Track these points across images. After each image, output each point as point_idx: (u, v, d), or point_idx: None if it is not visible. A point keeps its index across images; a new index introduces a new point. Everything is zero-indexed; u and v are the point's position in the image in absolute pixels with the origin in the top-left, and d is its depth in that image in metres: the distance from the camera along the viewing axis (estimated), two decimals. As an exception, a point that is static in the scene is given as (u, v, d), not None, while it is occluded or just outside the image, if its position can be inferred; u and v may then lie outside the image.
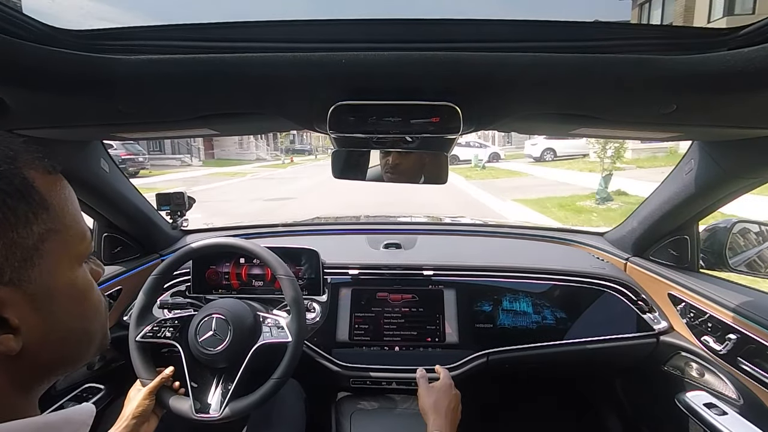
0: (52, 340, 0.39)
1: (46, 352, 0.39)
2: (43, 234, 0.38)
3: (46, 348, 0.39)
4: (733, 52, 0.58)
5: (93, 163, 1.15)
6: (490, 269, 1.42)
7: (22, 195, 0.36)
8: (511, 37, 0.64)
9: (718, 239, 1.25)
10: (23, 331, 0.37)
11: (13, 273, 0.36)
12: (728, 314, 1.07)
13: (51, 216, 0.39)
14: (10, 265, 0.35)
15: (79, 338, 0.43)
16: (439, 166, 0.91)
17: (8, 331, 0.36)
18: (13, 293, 0.36)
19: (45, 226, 0.38)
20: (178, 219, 1.64)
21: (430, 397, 1.02)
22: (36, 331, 0.38)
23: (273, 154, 37.77)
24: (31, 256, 0.37)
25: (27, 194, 0.37)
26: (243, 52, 0.63)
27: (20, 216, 0.36)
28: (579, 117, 0.78)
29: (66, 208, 0.41)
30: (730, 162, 1.00)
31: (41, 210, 0.38)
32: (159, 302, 1.20)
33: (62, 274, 0.40)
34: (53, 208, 0.39)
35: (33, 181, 0.38)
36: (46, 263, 0.38)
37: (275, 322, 1.07)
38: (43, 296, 0.38)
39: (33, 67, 0.60)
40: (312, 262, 1.38)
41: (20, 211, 0.36)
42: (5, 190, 0.35)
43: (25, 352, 0.37)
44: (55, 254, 0.39)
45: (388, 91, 0.68)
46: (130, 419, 0.94)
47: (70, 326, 0.42)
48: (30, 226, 0.37)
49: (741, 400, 1.06)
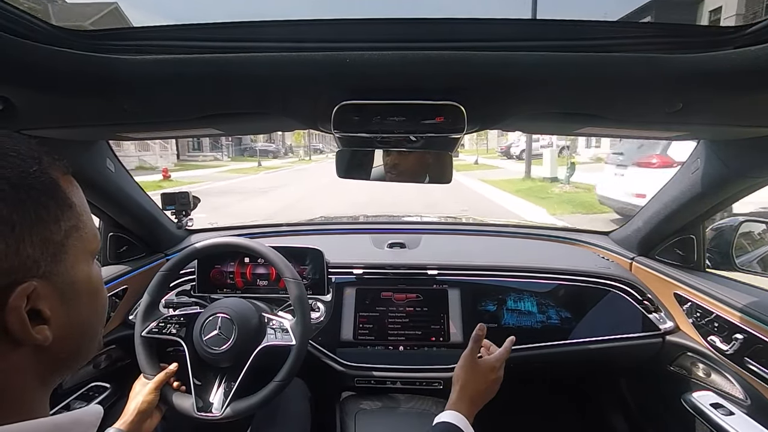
0: (72, 334, 0.42)
1: (66, 346, 0.42)
2: (68, 230, 0.40)
3: (67, 341, 0.41)
4: (739, 50, 0.57)
5: (99, 162, 1.16)
6: (495, 269, 1.42)
7: (51, 194, 0.39)
8: (515, 36, 0.64)
9: (724, 239, 1.24)
10: (53, 323, 0.39)
11: (46, 267, 0.38)
12: (735, 314, 1.06)
13: (73, 213, 0.42)
14: (44, 260, 0.38)
15: (91, 333, 0.46)
16: (443, 165, 0.91)
17: (42, 322, 0.38)
18: (46, 286, 0.38)
19: (69, 223, 0.41)
20: (183, 218, 1.64)
21: (468, 372, 0.95)
22: (61, 323, 0.40)
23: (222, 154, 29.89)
24: (59, 251, 0.39)
25: (55, 193, 0.40)
26: (247, 51, 0.63)
27: (51, 213, 0.39)
28: (584, 116, 0.77)
29: (83, 206, 0.44)
30: (736, 161, 0.99)
31: (66, 208, 0.41)
32: (164, 301, 1.21)
33: (81, 269, 0.43)
34: (75, 207, 0.42)
35: (58, 181, 0.41)
36: (69, 258, 0.41)
37: (280, 324, 1.07)
38: (68, 290, 0.41)
39: (39, 68, 0.60)
40: (316, 262, 1.38)
41: (51, 209, 0.39)
42: (39, 189, 0.38)
43: (51, 344, 0.39)
44: (76, 250, 0.41)
45: (393, 91, 0.68)
46: (134, 414, 0.94)
47: (86, 320, 0.44)
48: (59, 223, 0.40)
49: (748, 401, 1.05)
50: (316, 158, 36.80)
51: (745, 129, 0.84)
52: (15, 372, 0.38)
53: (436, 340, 1.33)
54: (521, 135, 16.13)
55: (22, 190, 0.37)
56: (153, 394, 0.99)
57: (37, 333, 0.37)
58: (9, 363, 0.37)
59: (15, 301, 0.36)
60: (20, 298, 0.36)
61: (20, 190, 0.37)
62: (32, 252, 0.37)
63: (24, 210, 0.37)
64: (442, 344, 1.32)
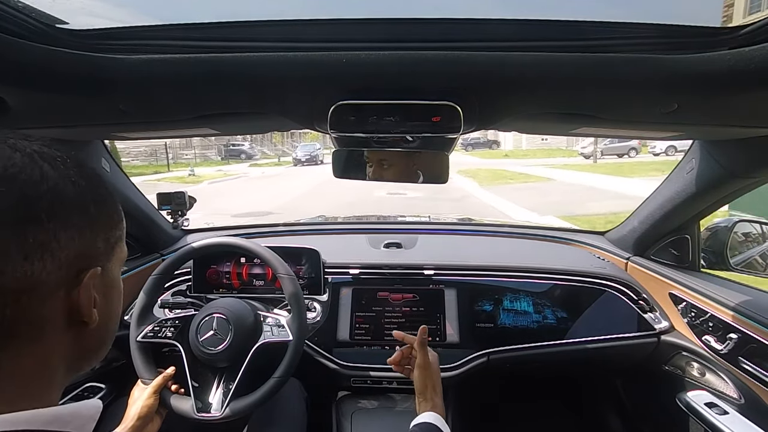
0: (101, 327, 0.45)
1: (97, 335, 0.46)
2: (118, 237, 0.47)
3: (98, 331, 0.45)
4: (733, 51, 0.57)
5: (94, 162, 1.15)
6: (491, 269, 1.42)
7: (116, 206, 0.47)
8: (511, 36, 0.64)
9: (719, 239, 1.25)
10: (98, 309, 0.43)
11: (104, 260, 0.44)
12: (729, 314, 1.07)
13: (122, 226, 0.48)
14: (105, 255, 0.44)
15: (110, 332, 0.49)
16: (439, 165, 0.91)
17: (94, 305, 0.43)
18: (101, 275, 0.43)
19: (119, 232, 0.47)
20: (179, 218, 1.64)
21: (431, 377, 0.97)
22: (100, 313, 0.44)
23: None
24: (111, 252, 0.46)
25: (117, 207, 0.48)
26: (244, 51, 0.63)
27: (115, 220, 0.46)
28: (580, 116, 0.77)
29: (124, 223, 0.50)
30: (731, 161, 0.99)
31: (120, 220, 0.48)
32: (160, 302, 1.20)
33: (116, 272, 0.48)
34: (123, 222, 0.49)
35: (116, 199, 0.48)
36: (114, 260, 0.47)
37: (276, 321, 1.07)
38: (109, 285, 0.46)
39: (34, 67, 0.60)
40: (313, 262, 1.38)
41: (115, 217, 0.47)
42: (110, 200, 0.46)
43: (89, 330, 0.43)
44: (117, 254, 0.47)
45: (389, 91, 0.68)
46: (135, 420, 0.94)
47: (113, 316, 0.49)
48: (115, 229, 0.46)
49: (742, 400, 1.06)
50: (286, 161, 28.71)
51: (739, 129, 0.84)
52: (54, 352, 0.41)
53: (432, 340, 1.33)
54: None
55: (104, 197, 0.45)
56: (152, 399, 0.98)
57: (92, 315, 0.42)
58: (55, 342, 0.41)
59: (89, 281, 0.41)
60: (92, 278, 0.42)
61: (103, 197, 0.45)
62: (101, 245, 0.43)
63: (103, 212, 0.44)
64: (439, 344, 1.32)
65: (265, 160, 30.53)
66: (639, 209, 1.42)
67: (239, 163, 27.11)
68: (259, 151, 33.08)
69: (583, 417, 1.79)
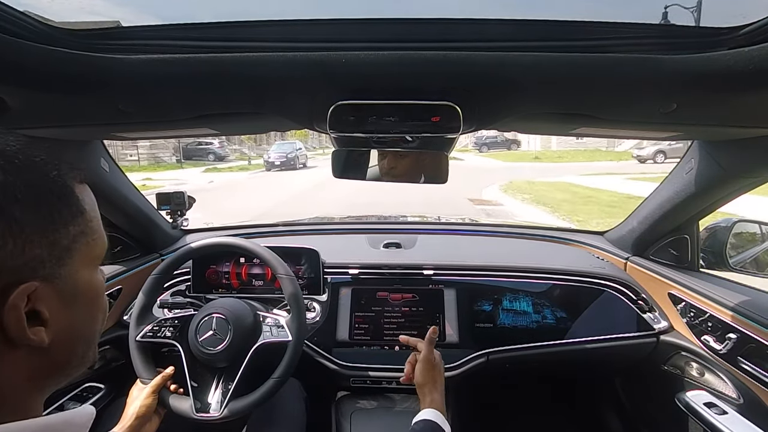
0: (71, 339, 0.42)
1: (64, 351, 0.42)
2: (76, 236, 0.41)
3: (65, 346, 0.42)
4: (733, 51, 0.57)
5: (93, 162, 1.15)
6: (491, 269, 1.42)
7: (66, 199, 0.41)
8: (511, 36, 0.64)
9: (718, 239, 1.25)
10: (51, 326, 0.39)
11: (50, 269, 0.39)
12: (728, 314, 1.07)
13: (83, 220, 0.43)
14: (49, 262, 0.39)
15: (88, 339, 0.46)
16: (439, 165, 0.91)
17: (40, 323, 0.38)
18: (47, 288, 0.39)
19: (78, 228, 0.42)
20: (179, 218, 1.64)
21: (436, 370, 1.00)
22: (60, 327, 0.40)
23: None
24: (65, 255, 0.40)
25: (69, 199, 0.41)
26: (243, 51, 0.63)
27: (63, 218, 0.40)
28: (579, 116, 0.77)
29: (94, 213, 0.45)
30: (730, 161, 0.99)
31: (78, 214, 0.42)
32: (159, 302, 1.20)
33: (84, 274, 0.43)
34: (86, 214, 0.43)
35: (73, 188, 0.42)
36: (74, 263, 0.41)
37: (275, 322, 1.07)
38: (69, 294, 0.41)
39: (33, 67, 0.60)
40: (312, 262, 1.38)
41: (63, 214, 0.40)
42: (55, 193, 0.40)
43: (48, 348, 0.39)
44: (81, 255, 0.42)
45: (389, 91, 0.68)
46: (133, 419, 0.94)
47: (85, 326, 0.44)
48: (68, 228, 0.41)
49: (741, 400, 1.06)
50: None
51: (738, 129, 0.84)
52: (8, 373, 0.38)
53: None
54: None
55: (42, 192, 0.38)
56: (151, 398, 0.98)
57: (33, 334, 0.37)
58: (3, 363, 0.37)
59: (15, 300, 0.36)
60: (21, 297, 0.36)
61: (40, 192, 0.38)
62: (39, 252, 0.38)
63: (39, 212, 0.38)
64: (438, 344, 1.32)
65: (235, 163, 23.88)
66: (638, 209, 1.42)
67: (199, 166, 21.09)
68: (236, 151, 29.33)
69: (582, 416, 1.79)
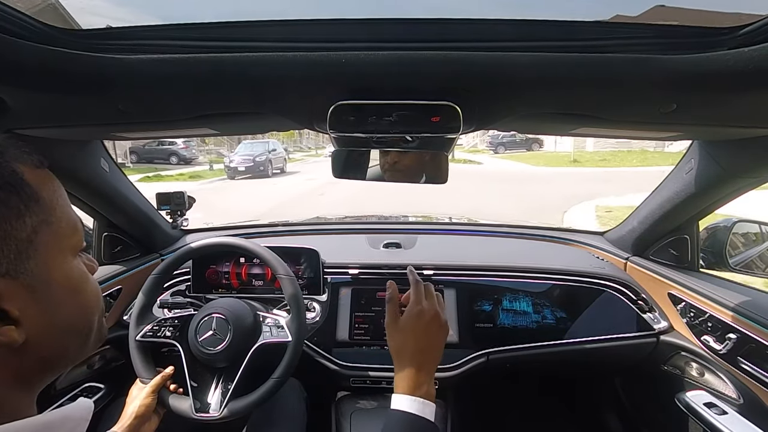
0: (54, 333, 0.40)
1: (47, 345, 0.40)
2: (36, 226, 0.39)
3: (48, 340, 0.40)
4: (733, 51, 0.57)
5: (93, 162, 1.15)
6: (490, 269, 1.42)
7: (13, 187, 0.37)
8: (511, 36, 0.64)
9: (718, 239, 1.25)
10: (24, 323, 0.37)
11: (9, 265, 0.36)
12: (728, 314, 1.07)
13: (42, 208, 0.40)
14: (6, 257, 0.36)
15: (79, 330, 0.44)
16: (439, 165, 0.91)
17: (9, 322, 0.37)
18: (11, 285, 0.36)
19: (37, 218, 0.39)
20: (178, 218, 1.64)
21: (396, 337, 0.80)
22: (37, 323, 0.38)
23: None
24: (26, 248, 0.38)
25: (18, 187, 0.38)
26: (243, 51, 0.63)
27: (12, 208, 0.37)
28: (579, 116, 0.77)
29: (56, 200, 0.42)
30: (730, 161, 0.99)
31: (32, 202, 0.39)
32: (159, 302, 1.20)
33: (57, 265, 0.41)
34: (44, 201, 0.40)
35: (23, 175, 0.39)
36: (41, 255, 0.39)
37: (275, 322, 1.07)
38: (41, 288, 0.39)
39: (33, 67, 0.60)
40: (312, 262, 1.38)
41: (12, 203, 0.37)
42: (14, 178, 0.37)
43: (27, 345, 0.38)
44: (48, 246, 0.40)
45: (388, 91, 0.68)
46: (132, 418, 0.94)
47: (70, 318, 0.42)
48: (23, 218, 0.38)
49: (741, 400, 1.06)
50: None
51: (739, 129, 0.84)
52: None
53: None
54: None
55: None
56: (150, 398, 0.98)
57: (1, 335, 0.36)
58: None
59: None
60: None
61: None
62: None
63: None
64: None
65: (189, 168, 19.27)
66: (638, 209, 1.42)
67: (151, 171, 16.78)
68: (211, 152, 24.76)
69: (582, 417, 1.79)
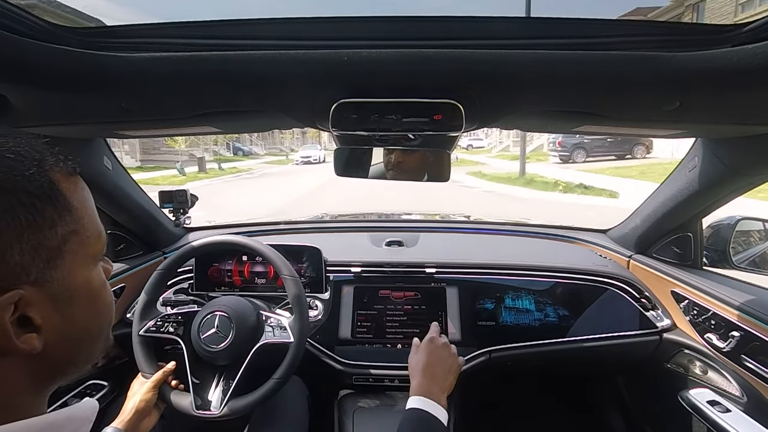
0: (70, 339, 0.40)
1: (63, 352, 0.40)
2: (66, 235, 0.38)
3: (64, 347, 0.40)
4: (737, 48, 0.57)
5: (96, 160, 1.16)
6: (493, 267, 1.42)
7: (49, 198, 0.37)
8: (513, 34, 0.64)
9: (721, 237, 1.24)
10: (45, 330, 0.37)
11: (38, 273, 0.36)
12: (732, 312, 1.07)
13: (73, 217, 0.39)
14: (36, 266, 0.36)
15: (92, 337, 0.44)
16: (441, 163, 0.91)
17: (32, 330, 0.37)
18: (37, 293, 0.36)
19: (68, 227, 0.39)
20: (181, 216, 1.64)
21: (427, 354, 0.99)
22: (56, 330, 0.38)
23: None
24: (55, 257, 0.37)
25: (53, 197, 0.38)
26: (245, 49, 0.63)
27: (47, 218, 0.37)
28: (582, 114, 0.77)
29: (86, 209, 0.42)
30: (733, 159, 0.99)
31: (65, 212, 0.38)
32: (162, 300, 1.20)
33: (80, 273, 0.41)
34: (75, 210, 0.40)
35: (58, 184, 0.39)
36: (67, 263, 0.39)
37: (278, 322, 1.07)
38: (64, 296, 0.39)
39: (36, 65, 0.60)
40: (314, 260, 1.38)
41: (47, 214, 0.37)
42: (34, 193, 0.36)
43: (45, 351, 0.37)
44: (75, 254, 0.39)
45: (391, 89, 0.68)
46: (132, 413, 0.94)
47: (86, 325, 0.42)
48: (55, 228, 0.37)
49: (745, 398, 1.06)
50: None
51: (742, 127, 0.84)
52: (4, 379, 0.36)
53: None
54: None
55: (13, 194, 0.35)
56: (151, 393, 0.98)
57: (22, 342, 0.36)
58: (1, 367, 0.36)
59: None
60: (4, 307, 0.34)
61: (10, 194, 0.35)
62: (21, 259, 0.35)
63: (13, 215, 0.34)
64: None
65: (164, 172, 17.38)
66: (641, 207, 1.42)
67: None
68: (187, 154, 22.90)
69: (585, 415, 1.79)
